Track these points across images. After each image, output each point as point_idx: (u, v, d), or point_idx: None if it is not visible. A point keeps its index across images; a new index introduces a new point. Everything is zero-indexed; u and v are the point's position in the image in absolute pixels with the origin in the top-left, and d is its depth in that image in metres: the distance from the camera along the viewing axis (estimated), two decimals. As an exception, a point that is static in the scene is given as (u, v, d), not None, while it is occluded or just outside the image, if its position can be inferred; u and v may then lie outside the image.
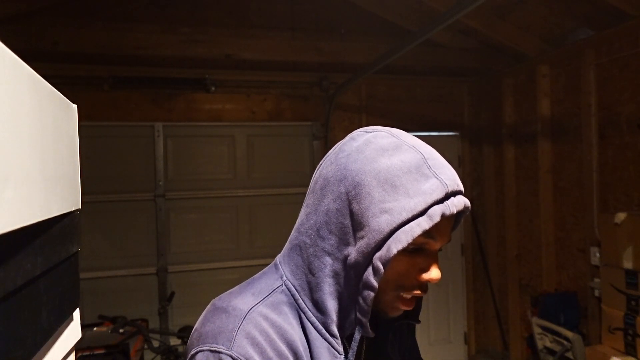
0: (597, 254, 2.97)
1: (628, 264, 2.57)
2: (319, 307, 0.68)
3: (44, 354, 0.65)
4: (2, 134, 0.44)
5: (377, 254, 0.63)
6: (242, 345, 0.63)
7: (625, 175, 2.88)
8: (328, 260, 0.68)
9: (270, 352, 0.64)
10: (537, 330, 3.21)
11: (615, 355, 2.57)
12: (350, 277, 0.66)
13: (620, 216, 2.64)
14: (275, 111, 3.80)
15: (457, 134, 4.24)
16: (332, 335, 0.68)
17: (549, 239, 3.50)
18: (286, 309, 0.69)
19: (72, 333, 0.79)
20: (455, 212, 0.65)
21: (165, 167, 3.60)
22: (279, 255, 0.77)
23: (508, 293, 3.92)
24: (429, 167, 0.66)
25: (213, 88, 3.62)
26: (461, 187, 0.68)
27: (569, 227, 3.36)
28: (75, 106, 0.80)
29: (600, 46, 3.01)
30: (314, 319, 0.69)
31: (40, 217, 0.56)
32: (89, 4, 3.27)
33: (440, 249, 0.72)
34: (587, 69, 3.08)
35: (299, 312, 0.69)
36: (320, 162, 0.76)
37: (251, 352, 0.63)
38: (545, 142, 3.50)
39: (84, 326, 2.01)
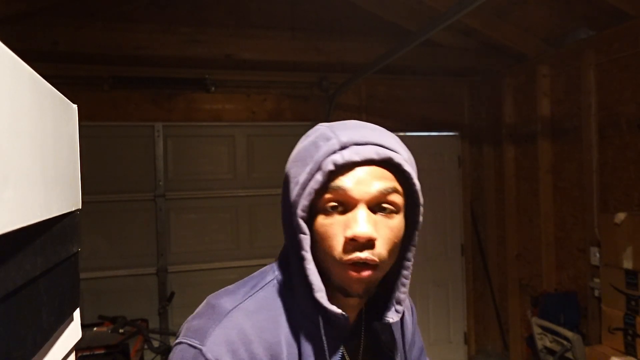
0: (597, 254, 2.97)
1: (628, 264, 2.57)
2: (295, 295, 0.70)
3: (44, 354, 0.65)
4: (2, 134, 0.44)
5: (295, 219, 0.66)
6: (217, 343, 0.65)
7: (626, 176, 2.88)
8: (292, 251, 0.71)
9: (242, 354, 0.65)
10: (537, 330, 3.21)
11: (615, 355, 2.57)
12: (296, 259, 0.69)
13: (621, 216, 2.64)
14: (275, 111, 3.80)
15: (457, 134, 4.24)
16: (326, 310, 0.67)
17: (549, 239, 3.50)
18: (276, 304, 0.70)
19: (72, 333, 0.79)
20: (355, 159, 0.64)
21: (165, 167, 3.60)
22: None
23: (508, 293, 3.93)
24: (332, 131, 0.68)
25: (213, 88, 3.62)
26: (373, 140, 0.67)
27: (569, 227, 3.36)
28: (75, 106, 0.80)
29: (601, 46, 3.01)
30: (302, 307, 0.70)
31: (40, 217, 0.56)
32: (89, 4, 3.27)
33: (386, 209, 0.67)
34: (587, 69, 3.08)
35: (290, 302, 0.71)
36: None
37: (223, 351, 0.64)
38: (545, 142, 3.50)
39: (84, 326, 2.01)
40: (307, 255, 0.66)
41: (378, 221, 0.66)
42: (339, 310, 0.67)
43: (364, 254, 0.64)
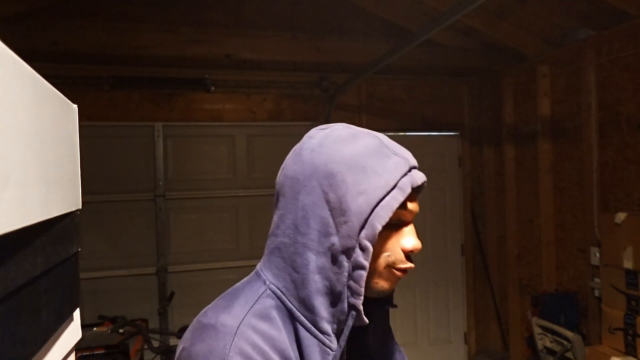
0: (597, 254, 2.97)
1: (628, 264, 2.57)
2: (307, 305, 0.68)
3: (44, 354, 0.64)
4: (2, 134, 0.44)
5: (363, 234, 0.67)
6: None
7: (626, 175, 2.88)
8: (311, 256, 0.68)
9: None
10: (537, 330, 3.21)
11: (615, 355, 2.57)
12: (339, 265, 0.68)
13: (621, 216, 2.64)
14: (275, 111, 3.80)
15: (457, 134, 4.24)
16: (323, 332, 0.68)
17: (549, 239, 3.50)
18: (274, 313, 0.68)
19: (72, 333, 0.79)
20: (420, 183, 0.72)
21: (165, 167, 3.60)
22: (259, 263, 0.78)
23: (508, 293, 3.92)
24: (388, 148, 0.72)
25: (213, 88, 3.62)
26: (417, 163, 0.75)
27: (569, 227, 3.36)
28: (75, 106, 0.79)
29: (601, 46, 3.01)
30: (302, 319, 0.68)
31: (40, 217, 0.56)
32: (89, 4, 3.27)
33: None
34: (587, 69, 3.08)
35: (287, 313, 0.69)
36: (282, 167, 0.78)
37: None
38: (546, 142, 3.49)
39: (84, 326, 2.01)
40: (367, 264, 0.68)
41: None
42: (366, 321, 0.70)
43: (411, 262, 0.74)
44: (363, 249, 0.67)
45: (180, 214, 3.64)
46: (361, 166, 0.68)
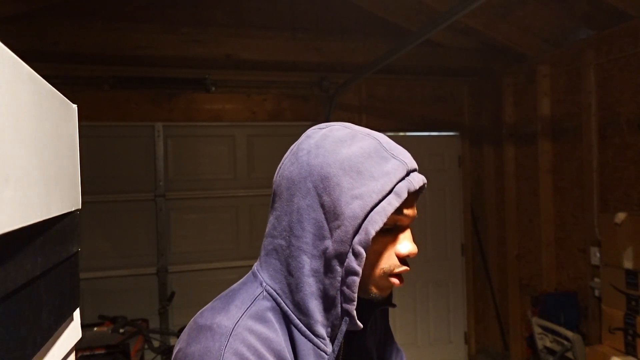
0: (598, 254, 2.97)
1: (628, 264, 2.57)
2: (301, 309, 0.68)
3: (44, 354, 0.65)
4: (2, 134, 0.44)
5: (356, 239, 0.65)
6: None
7: (626, 175, 2.88)
8: (305, 259, 0.68)
9: None
10: (537, 330, 3.21)
11: (615, 355, 2.57)
12: (332, 270, 0.67)
13: (621, 216, 2.64)
14: (275, 111, 3.80)
15: (457, 134, 4.24)
16: (317, 336, 0.67)
17: (549, 238, 3.50)
18: (270, 315, 0.68)
19: (72, 333, 0.79)
20: (417, 187, 0.70)
21: (166, 167, 3.60)
22: (256, 263, 0.77)
23: (508, 293, 3.93)
24: (386, 150, 0.70)
25: (213, 88, 3.62)
26: (416, 166, 0.73)
27: (569, 227, 3.36)
28: (75, 106, 0.79)
29: (601, 46, 3.01)
30: (297, 321, 0.68)
31: (40, 217, 0.56)
32: (89, 4, 3.27)
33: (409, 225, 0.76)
34: (587, 69, 3.08)
35: (282, 316, 0.69)
36: (279, 166, 0.76)
37: None
38: (546, 142, 3.50)
39: (84, 326, 2.01)
40: (360, 271, 0.66)
41: None
42: (360, 325, 0.68)
43: (407, 266, 0.73)
44: (356, 254, 0.65)
45: (180, 214, 3.64)
46: (357, 169, 0.67)
